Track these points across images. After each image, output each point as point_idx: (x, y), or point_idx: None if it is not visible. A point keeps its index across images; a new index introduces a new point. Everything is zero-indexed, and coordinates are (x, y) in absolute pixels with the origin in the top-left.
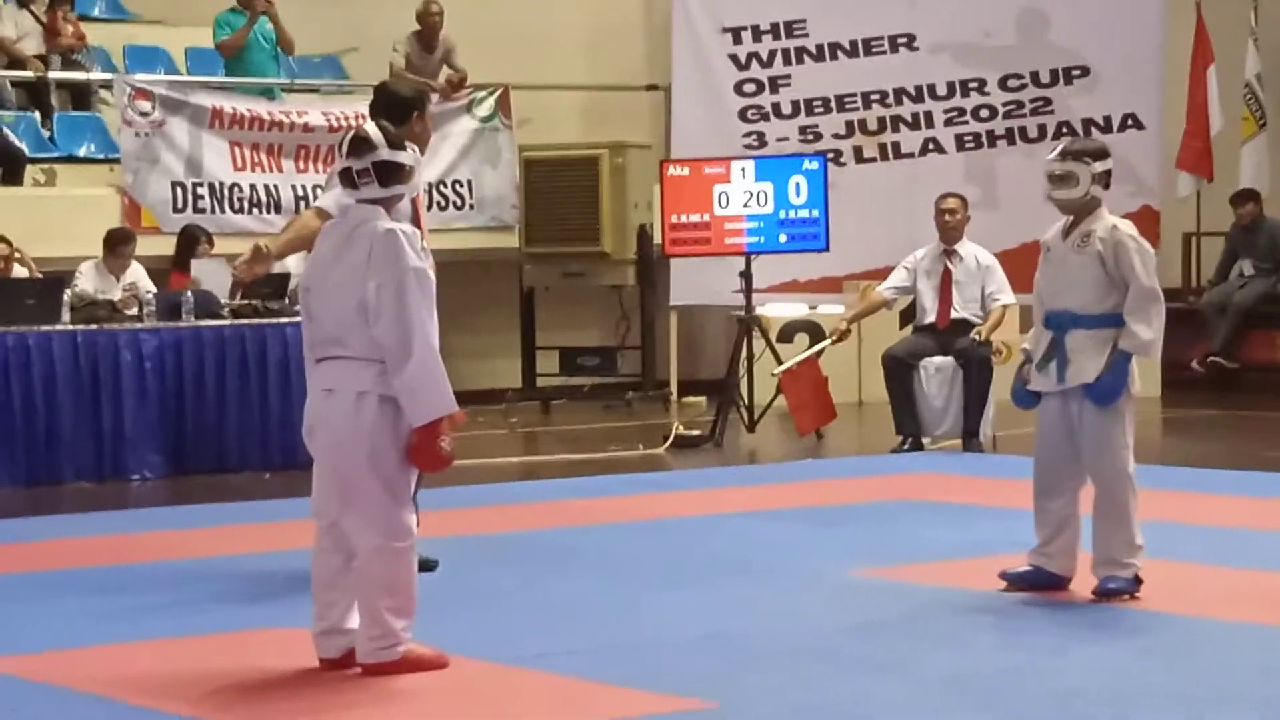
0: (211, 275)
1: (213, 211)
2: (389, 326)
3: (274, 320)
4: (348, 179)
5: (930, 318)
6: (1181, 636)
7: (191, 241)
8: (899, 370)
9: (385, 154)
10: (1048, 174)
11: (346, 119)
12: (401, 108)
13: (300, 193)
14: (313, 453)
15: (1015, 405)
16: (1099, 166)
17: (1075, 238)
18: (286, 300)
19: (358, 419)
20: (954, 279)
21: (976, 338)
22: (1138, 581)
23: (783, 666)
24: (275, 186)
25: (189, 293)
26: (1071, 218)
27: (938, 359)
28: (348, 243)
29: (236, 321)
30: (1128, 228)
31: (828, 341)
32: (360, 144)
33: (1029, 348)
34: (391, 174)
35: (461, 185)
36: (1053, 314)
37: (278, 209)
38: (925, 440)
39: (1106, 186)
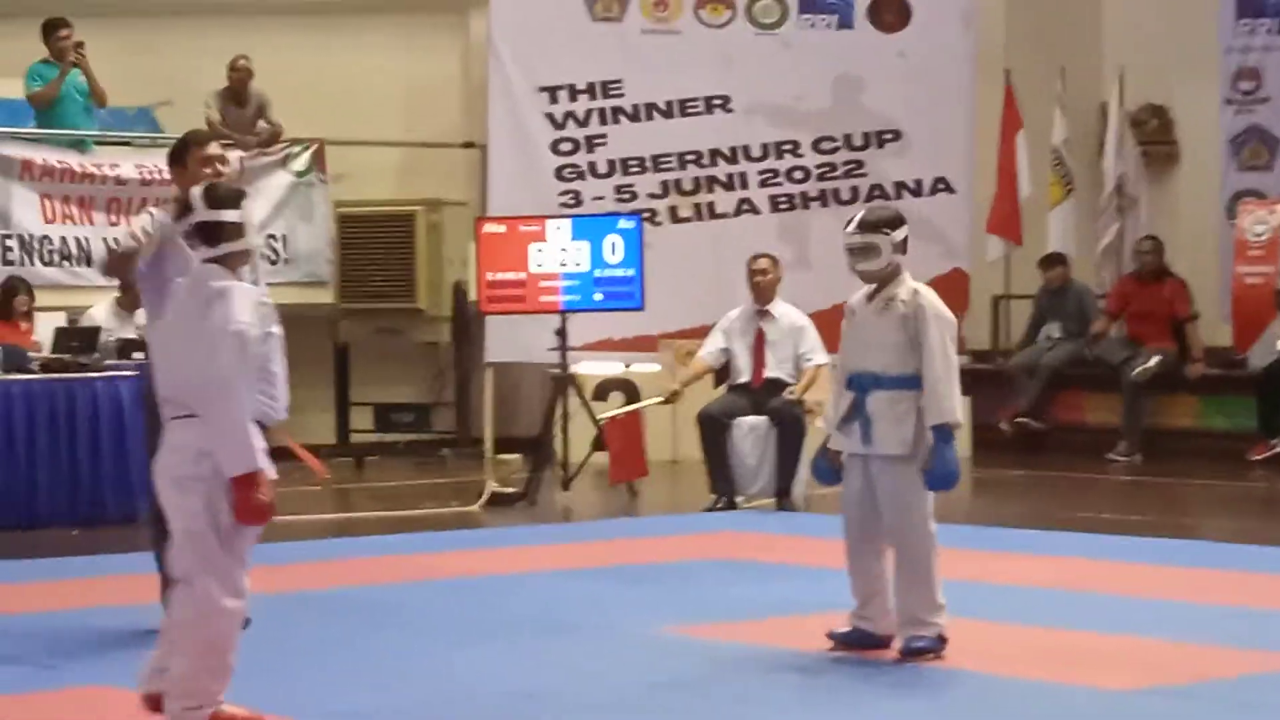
0: None
1: (22, 264)
2: (196, 379)
3: (84, 375)
4: (189, 240)
5: (744, 377)
6: (983, 694)
7: (10, 293)
8: (713, 429)
9: (204, 214)
10: (847, 247)
11: (159, 171)
12: (177, 149)
13: (112, 245)
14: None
15: (815, 479)
16: (898, 235)
17: (879, 302)
18: (97, 354)
19: (197, 471)
20: (767, 339)
21: (790, 397)
22: (942, 641)
23: None
24: (86, 239)
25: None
26: (876, 284)
27: (751, 418)
28: (188, 297)
29: (46, 376)
30: (929, 295)
31: (656, 399)
32: (184, 208)
33: (828, 423)
34: (215, 233)
35: (276, 240)
36: (855, 375)
37: (88, 262)
38: (739, 499)
39: (904, 252)
